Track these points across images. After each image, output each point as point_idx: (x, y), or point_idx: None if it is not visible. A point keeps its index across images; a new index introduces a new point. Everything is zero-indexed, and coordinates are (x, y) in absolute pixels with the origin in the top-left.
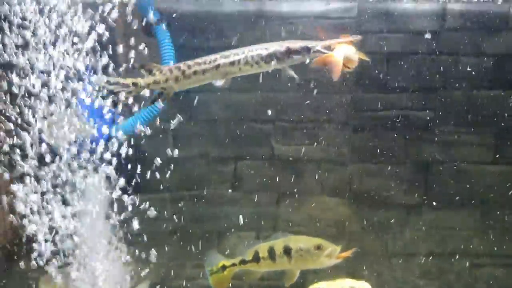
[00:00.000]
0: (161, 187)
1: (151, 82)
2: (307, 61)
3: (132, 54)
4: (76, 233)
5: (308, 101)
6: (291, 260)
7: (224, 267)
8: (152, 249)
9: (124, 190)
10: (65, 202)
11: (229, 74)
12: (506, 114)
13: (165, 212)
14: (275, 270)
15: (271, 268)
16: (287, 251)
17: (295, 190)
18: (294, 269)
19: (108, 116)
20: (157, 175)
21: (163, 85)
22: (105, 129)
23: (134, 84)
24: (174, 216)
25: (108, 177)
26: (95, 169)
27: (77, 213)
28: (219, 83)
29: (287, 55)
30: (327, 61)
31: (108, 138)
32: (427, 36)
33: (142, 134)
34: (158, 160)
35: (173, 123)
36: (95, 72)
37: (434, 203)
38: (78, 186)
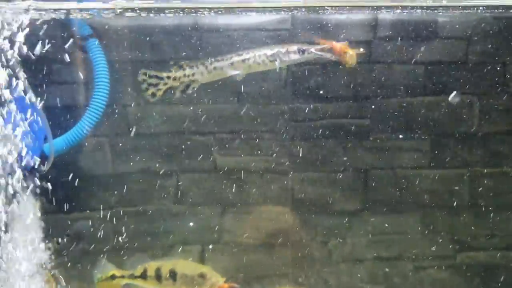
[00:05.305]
0: (101, 205)
1: (182, 75)
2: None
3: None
4: None
5: (246, 112)
6: (176, 283)
7: (113, 277)
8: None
9: (59, 209)
10: None
11: (242, 70)
12: (439, 119)
13: (107, 230)
14: None
15: None
16: (172, 274)
17: (239, 201)
18: None
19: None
20: (97, 192)
21: (191, 78)
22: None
23: (168, 77)
24: (116, 234)
25: (41, 196)
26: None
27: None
28: (238, 77)
29: (287, 55)
30: (333, 51)
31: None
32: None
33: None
34: (97, 177)
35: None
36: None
37: (375, 209)
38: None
